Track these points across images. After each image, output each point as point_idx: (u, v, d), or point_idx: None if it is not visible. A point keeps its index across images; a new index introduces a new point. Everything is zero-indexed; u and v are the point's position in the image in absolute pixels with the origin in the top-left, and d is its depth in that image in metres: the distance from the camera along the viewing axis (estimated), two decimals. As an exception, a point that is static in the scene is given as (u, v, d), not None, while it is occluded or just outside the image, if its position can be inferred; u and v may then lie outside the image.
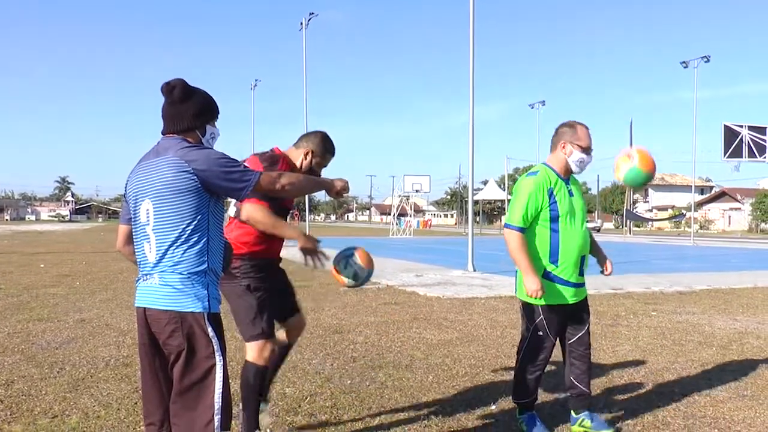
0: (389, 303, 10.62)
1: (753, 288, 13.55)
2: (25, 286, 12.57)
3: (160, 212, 2.88)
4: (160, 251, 2.90)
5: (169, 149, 2.92)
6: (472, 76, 17.77)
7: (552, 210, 4.19)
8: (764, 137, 33.85)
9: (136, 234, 3.01)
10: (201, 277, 2.91)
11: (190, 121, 3.01)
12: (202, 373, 2.86)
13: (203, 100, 3.07)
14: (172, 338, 2.87)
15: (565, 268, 4.25)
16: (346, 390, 5.41)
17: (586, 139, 4.26)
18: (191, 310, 2.86)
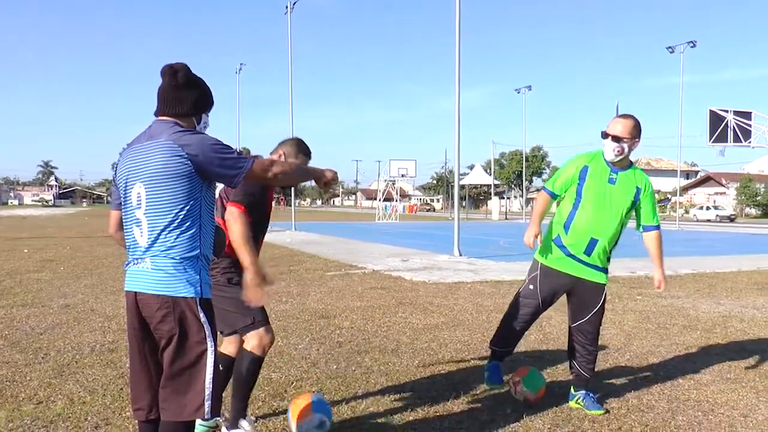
0: (375, 288, 10.63)
1: (737, 272, 13.67)
2: (9, 272, 12.48)
3: (152, 196, 2.85)
4: (152, 235, 2.87)
5: (162, 133, 2.89)
6: (458, 60, 17.73)
7: (579, 187, 4.49)
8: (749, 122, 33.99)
9: (126, 218, 2.98)
10: (193, 262, 2.90)
11: (189, 107, 3.01)
12: (194, 358, 2.86)
13: (205, 88, 3.10)
14: (164, 323, 2.86)
15: (573, 242, 4.52)
16: (332, 375, 5.42)
17: (611, 127, 4.46)
18: (183, 294, 2.85)
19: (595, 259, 4.53)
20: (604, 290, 4.62)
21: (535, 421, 4.38)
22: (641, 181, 4.57)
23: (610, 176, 4.49)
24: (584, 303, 4.61)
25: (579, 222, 4.49)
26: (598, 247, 4.49)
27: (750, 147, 34.95)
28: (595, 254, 4.51)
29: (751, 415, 4.58)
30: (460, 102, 17.74)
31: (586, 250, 4.50)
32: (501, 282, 11.49)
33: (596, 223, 4.46)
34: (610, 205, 4.47)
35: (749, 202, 73.48)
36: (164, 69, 3.00)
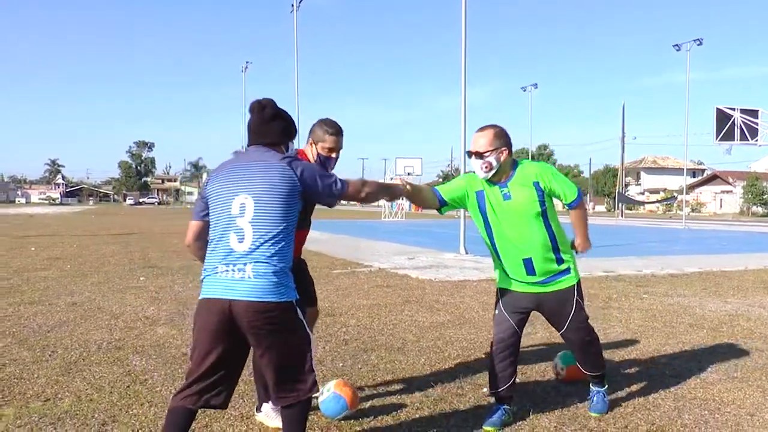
0: (381, 286, 10.63)
1: (744, 270, 13.62)
2: (16, 270, 12.52)
3: (260, 208, 3.17)
4: (255, 243, 3.16)
5: (270, 157, 3.28)
6: (464, 58, 17.72)
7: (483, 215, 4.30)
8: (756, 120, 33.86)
9: (219, 226, 3.26)
10: (287, 269, 3.25)
11: (278, 137, 3.41)
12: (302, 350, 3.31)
13: (289, 119, 3.48)
14: (269, 326, 3.16)
15: (510, 268, 4.33)
16: (338, 373, 5.42)
17: (472, 144, 4.20)
18: (285, 299, 3.20)
19: (544, 273, 4.24)
20: (573, 293, 4.31)
21: (541, 419, 4.37)
22: (534, 174, 4.18)
23: (503, 192, 4.18)
24: (555, 315, 4.38)
25: (502, 248, 4.27)
26: (536, 262, 4.20)
27: (757, 145, 34.83)
28: (539, 270, 4.22)
29: (757, 413, 4.57)
30: (466, 100, 17.74)
31: (527, 272, 4.23)
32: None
33: (519, 243, 4.18)
34: (521, 219, 4.15)
35: (756, 200, 73.23)
36: (253, 105, 3.42)
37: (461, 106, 17.72)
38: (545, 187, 4.14)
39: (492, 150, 4.12)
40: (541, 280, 4.25)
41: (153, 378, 5.23)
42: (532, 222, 4.15)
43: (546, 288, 4.28)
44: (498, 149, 4.13)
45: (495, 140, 4.14)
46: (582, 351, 4.48)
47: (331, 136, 4.16)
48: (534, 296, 4.31)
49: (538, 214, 4.14)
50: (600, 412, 4.49)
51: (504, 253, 4.28)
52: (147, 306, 8.47)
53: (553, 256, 4.23)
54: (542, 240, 4.18)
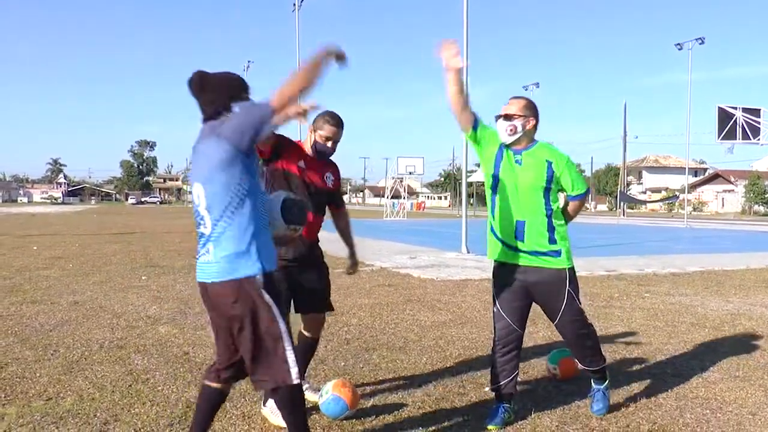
0: (383, 285, 10.63)
1: (745, 270, 13.61)
2: (18, 269, 12.54)
3: (209, 192, 3.14)
4: (214, 225, 3.15)
5: (207, 134, 3.18)
6: (465, 57, 17.70)
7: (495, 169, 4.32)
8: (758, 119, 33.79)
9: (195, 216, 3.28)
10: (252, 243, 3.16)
11: (213, 108, 3.21)
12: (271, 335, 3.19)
13: (219, 83, 3.24)
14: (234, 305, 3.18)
15: (501, 227, 4.32)
16: (339, 372, 5.43)
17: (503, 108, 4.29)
18: (246, 274, 3.14)
19: (534, 244, 4.22)
20: (564, 279, 4.26)
21: (543, 419, 4.37)
22: (551, 155, 4.27)
23: (515, 158, 4.25)
24: (548, 302, 4.34)
25: (501, 206, 4.29)
26: (528, 229, 4.20)
27: (759, 144, 34.78)
28: (530, 238, 4.21)
29: (759, 413, 4.57)
30: (467, 99, 17.72)
31: (516, 235, 4.23)
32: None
33: (516, 203, 4.22)
34: (524, 186, 4.20)
35: (757, 199, 73.13)
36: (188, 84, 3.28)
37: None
38: (556, 171, 4.23)
39: (520, 115, 4.23)
40: (528, 250, 4.23)
41: (155, 377, 5.23)
42: (534, 192, 4.21)
43: (532, 262, 4.25)
44: (526, 117, 4.24)
45: (524, 108, 4.26)
46: (577, 345, 4.41)
47: (330, 126, 4.29)
48: (521, 272, 4.27)
49: (541, 188, 4.21)
50: (601, 412, 4.46)
51: (500, 211, 4.30)
52: (149, 305, 8.47)
53: (545, 232, 4.23)
54: (538, 210, 4.22)
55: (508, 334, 4.34)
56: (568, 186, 4.30)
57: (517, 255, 4.27)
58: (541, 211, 4.22)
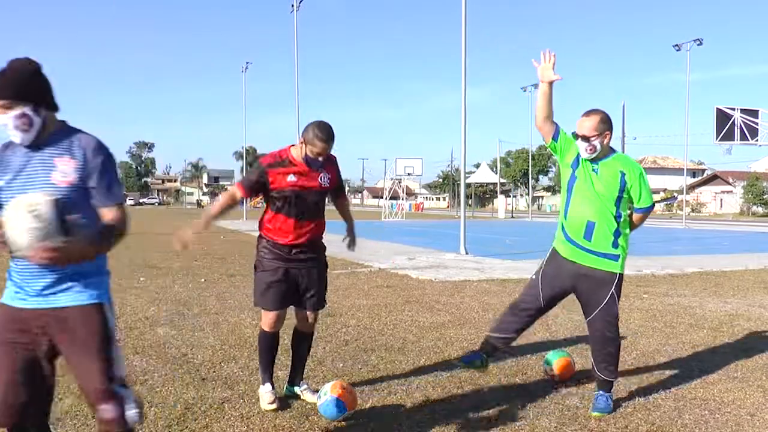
0: (381, 286, 10.63)
1: (744, 270, 13.63)
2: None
3: None
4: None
5: None
6: (464, 58, 17.72)
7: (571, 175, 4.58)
8: (756, 120, 33.86)
9: None
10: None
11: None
12: None
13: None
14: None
15: (571, 227, 4.55)
16: (338, 373, 5.42)
17: (579, 127, 4.47)
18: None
19: (599, 245, 4.47)
20: (613, 282, 4.50)
21: (541, 420, 4.38)
22: (626, 166, 4.53)
23: (593, 167, 4.50)
24: (590, 298, 4.54)
25: (574, 207, 4.53)
26: (597, 230, 4.45)
27: (757, 145, 34.84)
28: (596, 239, 4.46)
29: (758, 414, 4.57)
30: (466, 100, 17.73)
31: (585, 234, 4.47)
32: (507, 280, 11.49)
33: (590, 206, 4.46)
34: (599, 191, 4.45)
35: (756, 200, 73.18)
36: None
37: (461, 106, 17.73)
38: (628, 182, 4.49)
39: (597, 135, 4.42)
40: (592, 249, 4.48)
41: (153, 378, 5.23)
42: (608, 198, 4.47)
43: (591, 261, 4.50)
44: (602, 134, 4.44)
45: (600, 125, 4.43)
46: (601, 345, 4.56)
47: (322, 143, 4.33)
48: (577, 267, 4.53)
49: (614, 197, 4.47)
50: (602, 411, 4.48)
51: (573, 209, 4.54)
52: (147, 306, 8.47)
53: (611, 236, 4.49)
54: (609, 215, 4.47)
55: (531, 302, 4.67)
56: (636, 198, 4.54)
57: (580, 253, 4.52)
58: (611, 216, 4.48)
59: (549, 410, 4.57)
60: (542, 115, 4.59)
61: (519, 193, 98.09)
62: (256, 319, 7.60)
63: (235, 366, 5.61)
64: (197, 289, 10.15)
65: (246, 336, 6.75)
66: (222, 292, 9.83)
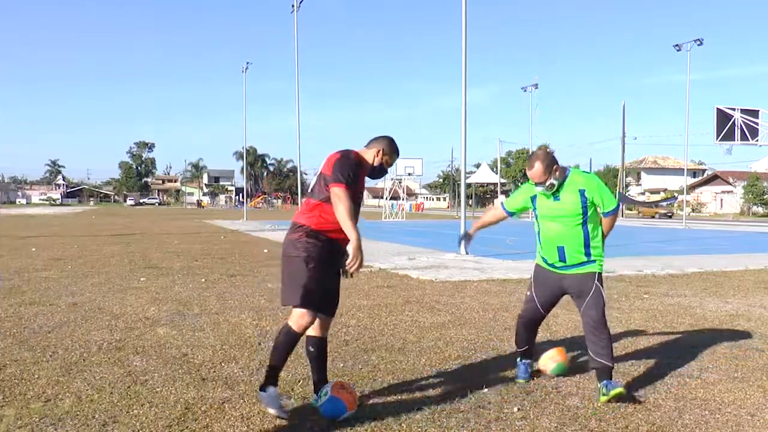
0: (382, 286, 10.63)
1: (744, 271, 13.63)
2: (17, 270, 12.53)
3: None
4: None
5: None
6: (464, 58, 17.72)
7: (534, 210, 5.13)
8: (756, 120, 33.85)
9: None
10: None
11: None
12: None
13: None
14: None
15: (546, 253, 5.09)
16: (338, 373, 5.42)
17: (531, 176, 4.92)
18: None
19: (573, 260, 4.96)
20: (594, 279, 4.94)
21: (541, 420, 4.38)
22: (581, 182, 4.91)
23: (554, 197, 4.94)
24: (579, 291, 4.96)
25: (544, 236, 5.07)
26: (568, 251, 4.95)
27: (757, 145, 34.83)
28: (570, 258, 4.96)
29: (758, 414, 4.57)
30: (466, 100, 17.73)
31: (559, 257, 4.98)
32: (507, 281, 11.49)
33: (557, 234, 4.95)
34: (563, 216, 4.91)
35: (756, 200, 73.22)
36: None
37: (462, 106, 17.73)
38: (589, 196, 4.89)
39: (548, 175, 4.85)
40: (568, 266, 4.98)
41: (153, 378, 5.23)
42: (573, 220, 4.91)
43: (570, 271, 5.00)
44: (551, 171, 4.86)
45: (545, 167, 4.84)
46: (595, 333, 4.86)
47: (396, 155, 4.78)
48: (560, 277, 5.05)
49: (578, 215, 4.89)
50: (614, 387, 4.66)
51: (544, 239, 5.07)
52: (147, 306, 8.47)
53: (583, 251, 4.95)
54: (576, 235, 4.93)
55: (533, 315, 5.24)
56: (600, 205, 4.94)
57: (560, 271, 5.04)
58: (578, 236, 4.93)
59: (549, 410, 4.57)
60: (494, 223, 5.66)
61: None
62: (257, 319, 7.61)
63: (235, 366, 5.61)
64: (197, 289, 10.15)
65: (246, 336, 6.75)
66: (222, 292, 9.84)
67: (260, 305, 8.64)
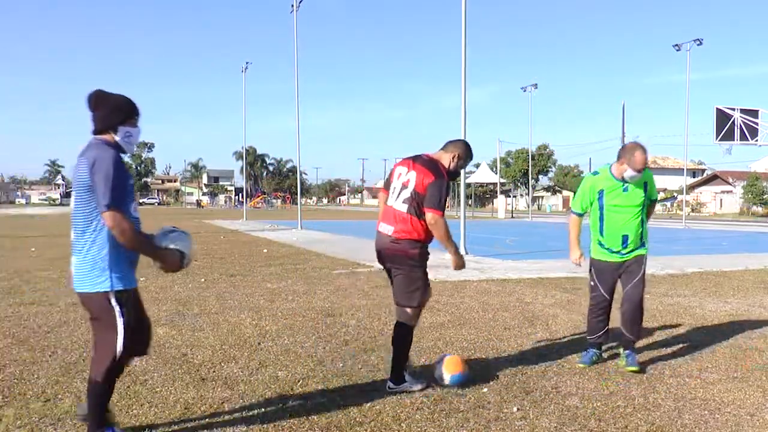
0: (381, 286, 10.62)
1: (744, 271, 13.62)
2: (16, 270, 12.53)
3: (75, 202, 3.54)
4: (74, 234, 3.58)
5: (85, 149, 3.59)
6: (464, 58, 17.71)
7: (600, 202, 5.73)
8: (756, 120, 33.83)
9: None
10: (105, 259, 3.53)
11: (102, 124, 3.64)
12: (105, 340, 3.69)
13: (114, 104, 3.67)
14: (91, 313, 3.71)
15: (610, 242, 5.73)
16: (338, 373, 5.43)
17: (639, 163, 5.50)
18: (99, 290, 3.54)
19: (632, 246, 5.70)
20: (644, 260, 5.77)
21: (541, 420, 4.38)
22: (645, 178, 5.69)
23: (622, 188, 5.64)
24: (631, 272, 5.72)
25: (609, 227, 5.69)
26: (630, 239, 5.67)
27: (757, 145, 34.83)
28: (630, 244, 5.69)
29: (758, 414, 4.58)
30: (466, 100, 17.72)
31: (623, 244, 5.68)
32: (507, 280, 11.49)
33: (623, 223, 5.64)
34: (630, 207, 5.64)
35: (756, 200, 73.16)
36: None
37: (461, 106, 17.72)
38: (648, 186, 5.73)
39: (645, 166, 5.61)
40: (627, 252, 5.72)
41: (153, 378, 5.23)
42: (636, 209, 5.67)
43: (628, 256, 5.74)
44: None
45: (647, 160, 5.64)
46: (633, 312, 5.70)
47: (470, 161, 5.25)
48: (617, 265, 5.75)
49: (640, 206, 5.69)
50: (632, 365, 5.57)
51: (609, 229, 5.71)
52: (147, 306, 8.38)
53: (639, 239, 5.73)
54: (637, 224, 5.69)
55: (600, 302, 5.84)
56: (651, 194, 5.78)
57: (620, 256, 5.74)
58: (639, 225, 5.69)
59: (549, 410, 4.57)
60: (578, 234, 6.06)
61: (519, 193, 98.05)
62: (256, 319, 7.61)
63: (235, 366, 5.61)
64: (197, 289, 10.14)
65: (246, 336, 6.75)
66: (222, 292, 9.83)
67: (260, 305, 8.64)
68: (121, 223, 3.48)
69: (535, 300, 9.29)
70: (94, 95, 3.67)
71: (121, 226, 3.48)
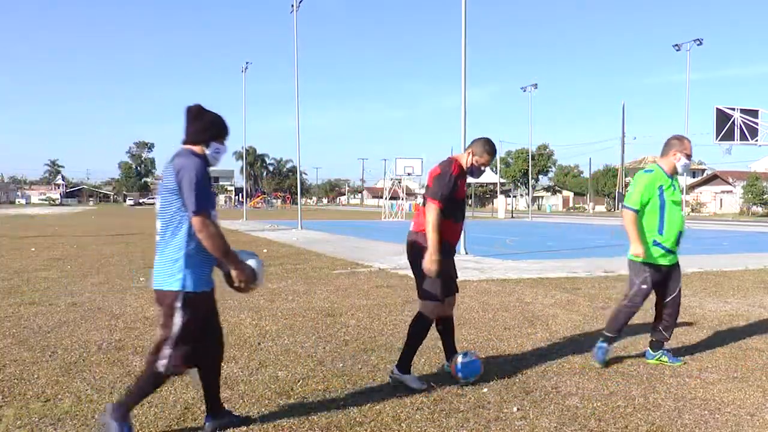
0: (381, 286, 10.62)
1: (744, 271, 13.62)
2: (16, 270, 12.52)
3: (160, 205, 3.77)
4: (159, 235, 3.80)
5: (177, 156, 3.79)
6: (464, 58, 17.71)
7: (661, 199, 5.62)
8: (756, 120, 33.81)
9: None
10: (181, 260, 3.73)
11: (195, 137, 3.85)
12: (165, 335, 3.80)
13: (210, 121, 3.90)
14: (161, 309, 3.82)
15: (668, 240, 5.65)
16: (338, 373, 5.43)
17: (688, 147, 5.67)
18: (169, 288, 3.72)
19: (679, 246, 5.76)
20: (680, 267, 5.90)
21: (541, 420, 4.38)
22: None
23: (674, 183, 5.70)
24: (675, 280, 5.82)
25: (670, 224, 5.63)
26: (681, 238, 5.76)
27: (757, 145, 34.81)
28: (680, 242, 5.75)
29: (757, 414, 4.57)
30: (466, 100, 17.73)
31: (677, 242, 5.70)
32: (507, 280, 11.48)
33: (679, 220, 5.69)
34: (680, 205, 5.73)
35: (756, 200, 73.18)
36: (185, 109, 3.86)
37: (461, 106, 17.72)
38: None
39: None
40: (677, 250, 5.77)
41: (153, 378, 5.22)
42: (681, 207, 5.75)
43: (675, 259, 5.81)
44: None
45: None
46: (672, 317, 5.88)
47: (489, 155, 5.13)
48: (669, 268, 5.78)
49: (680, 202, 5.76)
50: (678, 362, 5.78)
51: (670, 227, 5.64)
52: (147, 306, 8.46)
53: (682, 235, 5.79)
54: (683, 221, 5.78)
55: (639, 306, 5.82)
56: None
57: (673, 257, 5.76)
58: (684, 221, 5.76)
59: (548, 410, 4.57)
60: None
61: (519, 193, 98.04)
62: (256, 319, 7.61)
63: (234, 366, 5.61)
64: (197, 289, 10.11)
65: (246, 336, 6.75)
66: (222, 291, 9.80)
67: (260, 305, 8.64)
68: (208, 228, 3.71)
69: (535, 300, 9.28)
70: (195, 110, 3.87)
71: (209, 230, 3.71)
